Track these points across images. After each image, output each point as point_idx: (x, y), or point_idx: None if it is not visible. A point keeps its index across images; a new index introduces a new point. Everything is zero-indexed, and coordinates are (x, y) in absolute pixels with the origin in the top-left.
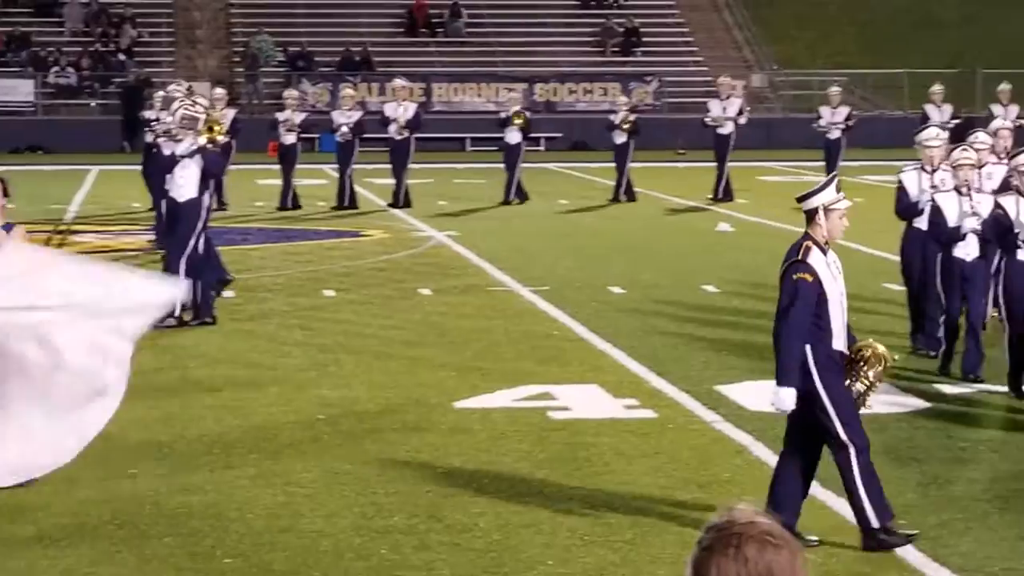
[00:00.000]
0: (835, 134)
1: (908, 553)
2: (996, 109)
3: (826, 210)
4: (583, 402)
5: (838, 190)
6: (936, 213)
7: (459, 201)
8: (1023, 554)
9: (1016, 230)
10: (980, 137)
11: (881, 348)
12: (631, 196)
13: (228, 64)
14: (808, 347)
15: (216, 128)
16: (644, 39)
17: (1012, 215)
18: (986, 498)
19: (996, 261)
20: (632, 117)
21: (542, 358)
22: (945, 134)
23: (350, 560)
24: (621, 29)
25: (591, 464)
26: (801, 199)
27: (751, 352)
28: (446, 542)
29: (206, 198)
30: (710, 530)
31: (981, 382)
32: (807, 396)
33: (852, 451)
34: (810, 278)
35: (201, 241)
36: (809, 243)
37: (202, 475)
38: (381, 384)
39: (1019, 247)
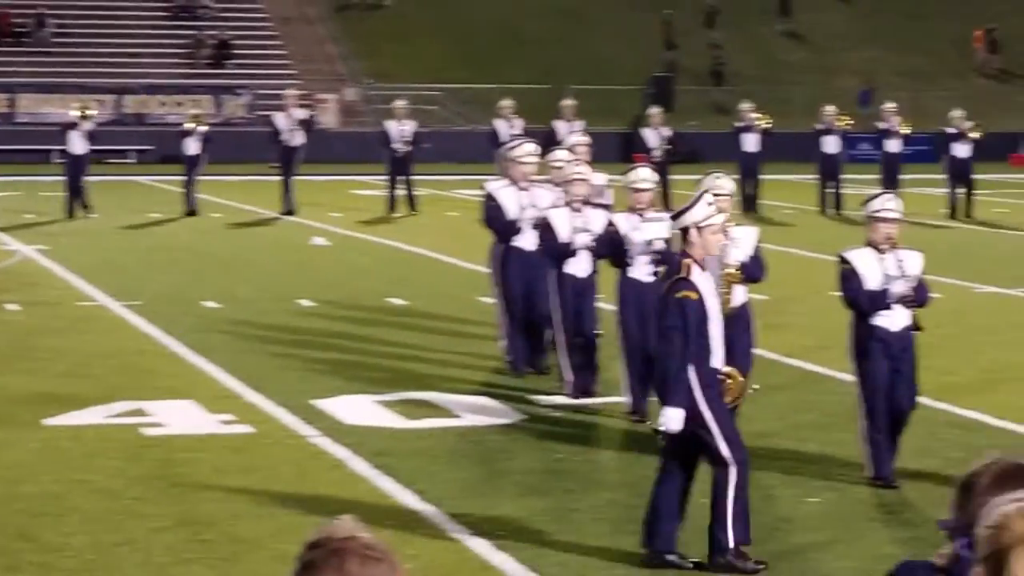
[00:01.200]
0: (404, 149)
1: (505, 563)
2: (560, 125)
3: (698, 228)
4: (178, 418)
5: (709, 206)
6: (547, 230)
7: (46, 214)
8: (622, 563)
9: (627, 248)
10: (560, 155)
11: (741, 378)
12: (192, 210)
13: None
14: (691, 366)
15: None
16: (236, 51)
17: (624, 232)
18: (582, 508)
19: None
20: (204, 128)
21: (135, 374)
22: (538, 150)
23: None
24: (213, 41)
25: (187, 480)
26: (674, 218)
27: (347, 367)
28: (37, 562)
29: None
30: (310, 546)
31: (594, 396)
32: (689, 414)
33: (733, 468)
34: (694, 296)
35: None
36: (689, 261)
37: None
38: None
39: (630, 264)
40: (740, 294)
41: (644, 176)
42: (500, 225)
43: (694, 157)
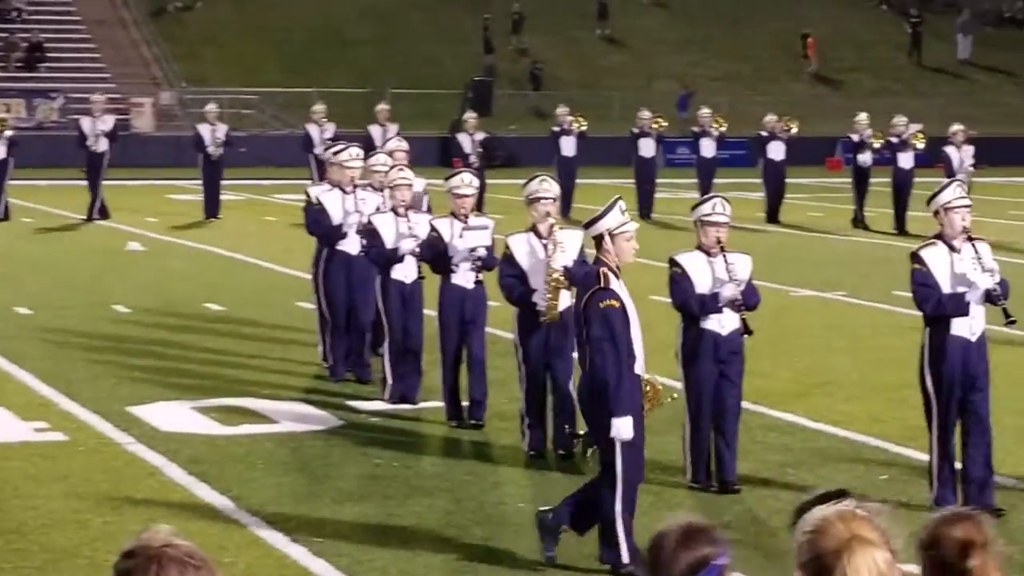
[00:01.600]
0: (218, 152)
1: (324, 570)
2: (374, 129)
3: (611, 235)
4: None
5: (622, 213)
6: (372, 235)
7: None
8: (442, 569)
9: (451, 254)
10: (381, 159)
11: (660, 386)
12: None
13: None
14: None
15: None
16: (49, 54)
17: (447, 238)
18: (400, 513)
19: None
20: (10, 132)
21: None
22: (362, 153)
23: None
24: (25, 44)
25: None
26: (587, 226)
27: (163, 373)
28: None
29: None
30: (126, 555)
31: (413, 403)
32: (607, 420)
33: (620, 487)
34: (617, 304)
35: None
36: (605, 269)
37: None
38: None
39: (453, 270)
40: (566, 299)
41: (466, 181)
42: (324, 230)
43: (513, 161)
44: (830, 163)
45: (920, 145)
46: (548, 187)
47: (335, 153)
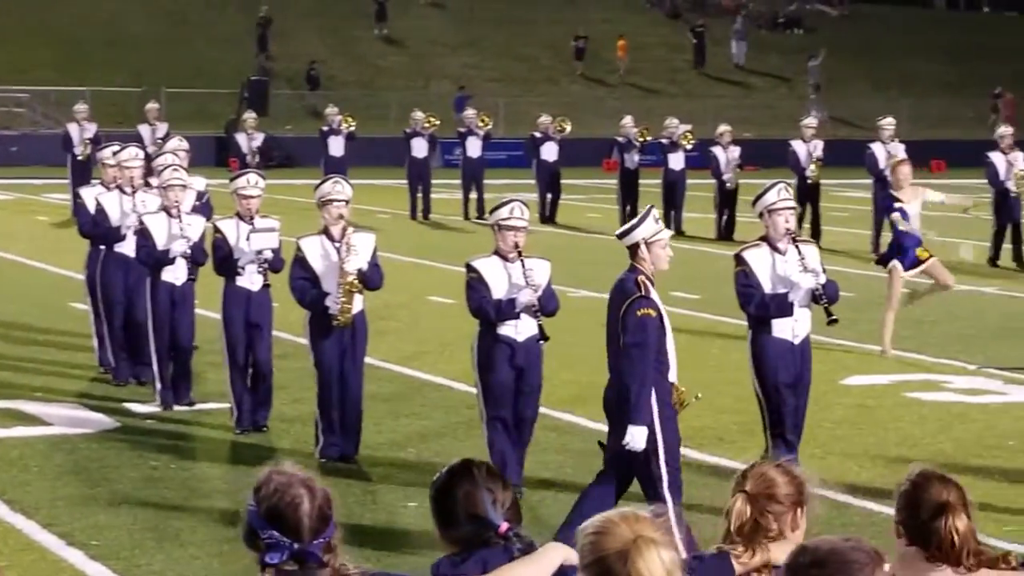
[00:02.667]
0: None
1: (101, 574)
2: (144, 129)
3: (648, 244)
4: None
5: (656, 221)
6: (144, 235)
7: None
8: (221, 572)
9: (236, 256)
10: (159, 160)
11: (683, 389)
12: None
13: None
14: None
15: None
16: None
17: (232, 240)
18: (177, 516)
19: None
20: None
21: None
22: (142, 153)
23: None
24: None
25: None
26: (621, 235)
27: None
28: None
29: None
30: None
31: (192, 405)
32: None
33: (669, 502)
34: (654, 313)
35: None
36: (642, 277)
37: None
38: None
39: (239, 273)
40: (359, 303)
41: (252, 182)
42: (102, 231)
43: (290, 162)
44: (607, 164)
45: (689, 146)
46: (340, 189)
47: (114, 153)
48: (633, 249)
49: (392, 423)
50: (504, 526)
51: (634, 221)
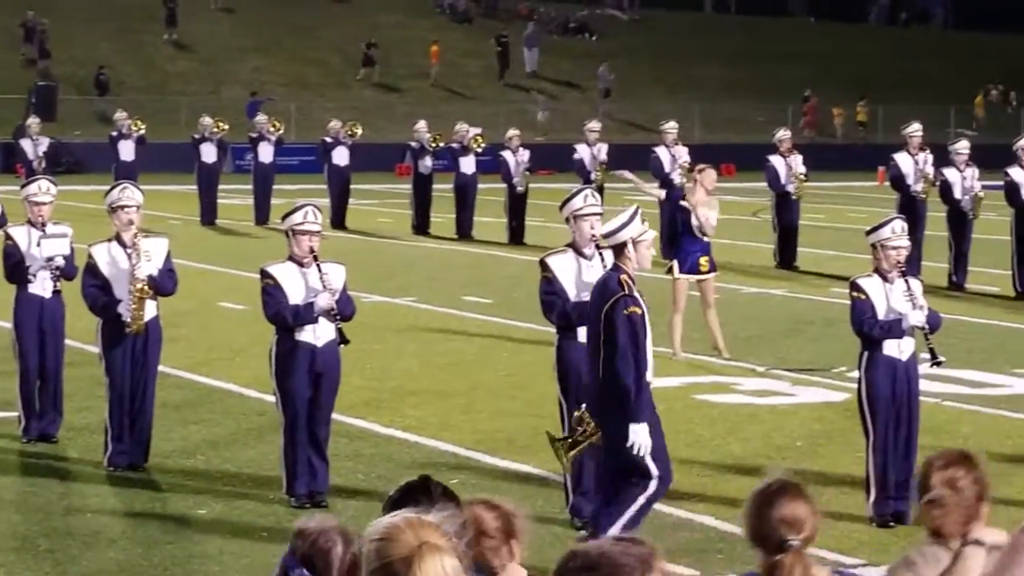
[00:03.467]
0: None
1: None
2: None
3: (635, 243)
4: None
5: (642, 221)
6: None
7: None
8: None
9: (28, 263)
10: None
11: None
12: None
13: None
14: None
15: None
16: None
17: (23, 247)
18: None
19: None
20: None
21: None
22: None
23: None
24: None
25: None
26: (608, 235)
27: None
28: None
29: None
30: None
31: None
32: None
33: (654, 481)
34: (639, 311)
35: None
36: (625, 276)
37: None
38: None
39: (31, 280)
40: (151, 309)
41: (44, 188)
42: None
43: (79, 167)
44: (400, 169)
45: (479, 149)
46: (131, 195)
47: None
48: (619, 248)
49: (182, 430)
50: None
51: (622, 220)
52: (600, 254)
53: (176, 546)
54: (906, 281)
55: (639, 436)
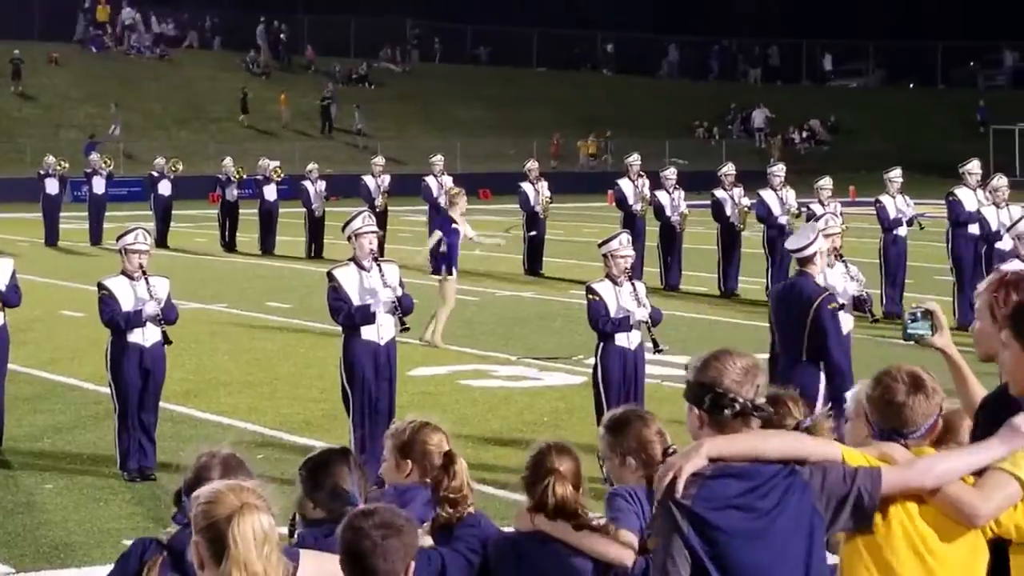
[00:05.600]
0: None
1: None
2: None
3: (820, 254)
4: None
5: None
6: None
7: None
8: None
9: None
10: None
11: None
12: None
13: None
14: None
15: None
16: None
17: None
18: None
19: None
20: None
21: None
22: None
23: None
24: None
25: None
26: (797, 251)
27: None
28: None
29: None
30: None
31: None
32: None
33: None
34: (837, 306)
35: None
36: (817, 281)
37: None
38: None
39: None
40: None
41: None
42: None
43: None
44: (213, 197)
45: (279, 179)
46: None
47: None
48: (807, 260)
49: (31, 418)
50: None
51: (810, 238)
52: (379, 266)
53: (27, 516)
54: (632, 284)
55: None
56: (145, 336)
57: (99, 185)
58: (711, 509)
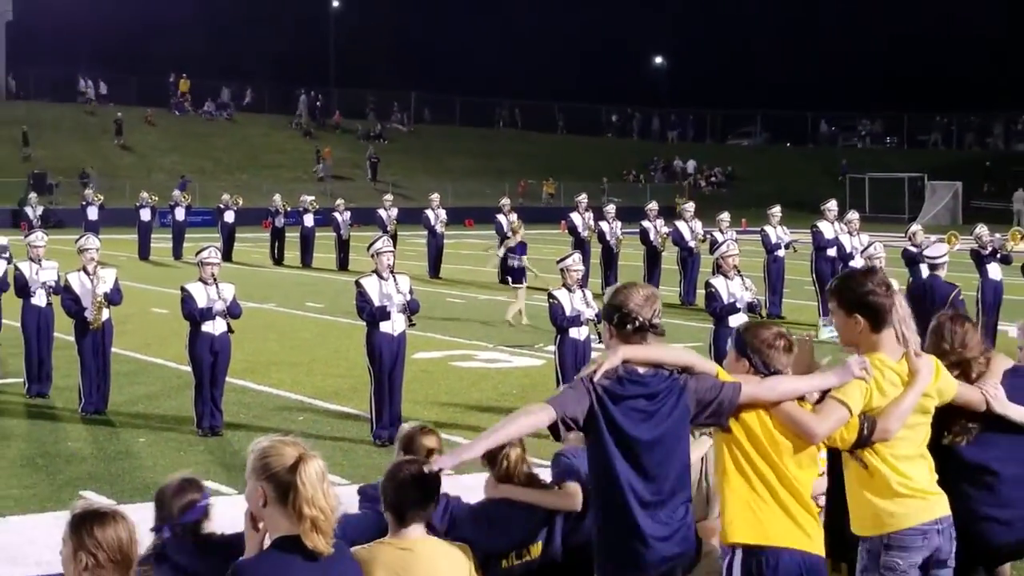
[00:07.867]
0: None
1: None
2: None
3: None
4: None
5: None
6: None
7: None
8: None
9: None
10: None
11: None
12: None
13: None
14: None
15: None
16: None
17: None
18: None
19: None
20: None
21: None
22: None
23: None
24: None
25: None
26: (936, 257)
27: None
28: None
29: None
30: None
31: None
32: None
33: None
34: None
35: None
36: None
37: None
38: None
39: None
40: (105, 313)
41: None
42: None
43: (62, 224)
44: (265, 224)
45: (314, 210)
46: (91, 242)
47: None
48: (939, 266)
49: (129, 388)
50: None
51: (947, 248)
52: (394, 277)
53: (125, 461)
54: (582, 291)
55: None
56: (215, 327)
57: (180, 214)
58: (615, 394)
